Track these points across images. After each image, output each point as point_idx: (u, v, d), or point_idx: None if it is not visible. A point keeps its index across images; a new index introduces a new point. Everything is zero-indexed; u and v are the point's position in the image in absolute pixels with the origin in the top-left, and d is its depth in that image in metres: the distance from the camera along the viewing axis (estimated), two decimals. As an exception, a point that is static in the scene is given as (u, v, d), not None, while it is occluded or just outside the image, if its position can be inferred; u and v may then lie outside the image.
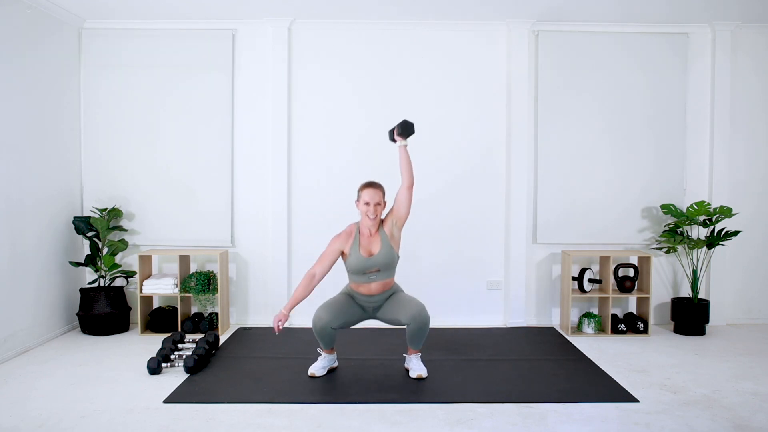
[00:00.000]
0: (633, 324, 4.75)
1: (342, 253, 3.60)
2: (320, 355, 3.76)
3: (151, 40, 4.94)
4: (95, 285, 4.80)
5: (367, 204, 3.52)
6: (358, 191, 3.61)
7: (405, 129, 3.55)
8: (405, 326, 3.61)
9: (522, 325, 4.96)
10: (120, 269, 4.79)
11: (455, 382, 3.58)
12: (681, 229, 4.83)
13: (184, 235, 4.98)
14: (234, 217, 5.01)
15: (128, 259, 5.02)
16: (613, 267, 4.77)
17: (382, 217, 3.63)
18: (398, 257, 3.64)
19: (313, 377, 3.64)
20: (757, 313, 5.10)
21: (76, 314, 4.71)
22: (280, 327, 3.47)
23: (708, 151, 5.03)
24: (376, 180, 3.66)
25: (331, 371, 3.76)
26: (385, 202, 3.59)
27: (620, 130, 5.00)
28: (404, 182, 3.53)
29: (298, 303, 3.56)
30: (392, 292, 3.71)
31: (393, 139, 3.63)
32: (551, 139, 5.00)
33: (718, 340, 4.57)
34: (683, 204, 4.98)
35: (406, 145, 3.55)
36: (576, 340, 4.54)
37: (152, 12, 4.72)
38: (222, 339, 4.54)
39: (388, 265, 3.58)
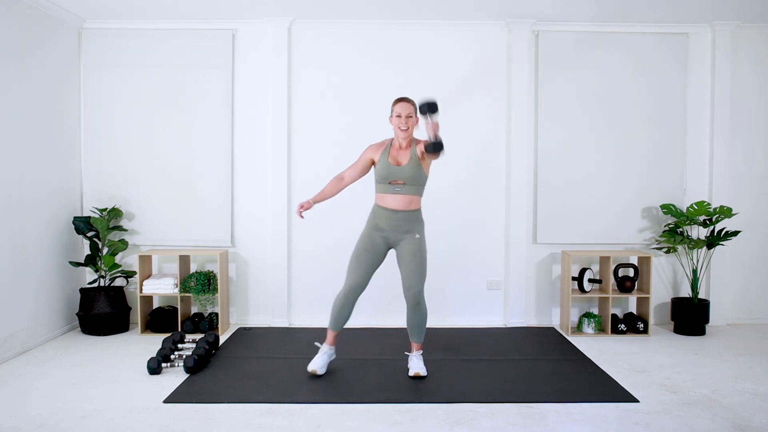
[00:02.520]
0: (633, 324, 4.75)
1: (372, 162, 3.70)
2: (319, 348, 3.75)
3: (151, 40, 4.94)
4: (95, 285, 4.81)
5: (399, 116, 3.60)
6: (392, 106, 3.68)
7: (431, 108, 3.43)
8: (404, 324, 3.62)
9: (522, 325, 4.96)
10: (120, 269, 4.79)
11: (455, 382, 3.58)
12: (681, 229, 4.84)
13: (184, 235, 4.98)
14: (234, 217, 5.01)
15: (128, 259, 5.02)
16: (613, 267, 4.77)
17: (419, 139, 3.64)
18: (426, 177, 3.65)
19: (314, 375, 3.63)
20: (757, 313, 5.10)
21: (76, 314, 4.71)
22: (302, 214, 3.65)
23: (708, 151, 5.03)
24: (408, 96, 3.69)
25: (329, 371, 3.76)
26: (417, 118, 3.63)
27: (620, 130, 5.00)
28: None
29: (324, 199, 3.73)
30: (415, 225, 3.63)
31: (423, 113, 3.48)
32: (551, 139, 5.00)
33: (718, 340, 4.57)
34: (683, 204, 4.98)
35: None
36: (576, 340, 4.54)
37: (152, 12, 4.72)
38: (222, 339, 4.54)
39: (414, 179, 3.59)
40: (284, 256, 4.94)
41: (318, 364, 3.69)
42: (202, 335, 4.51)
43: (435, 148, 3.41)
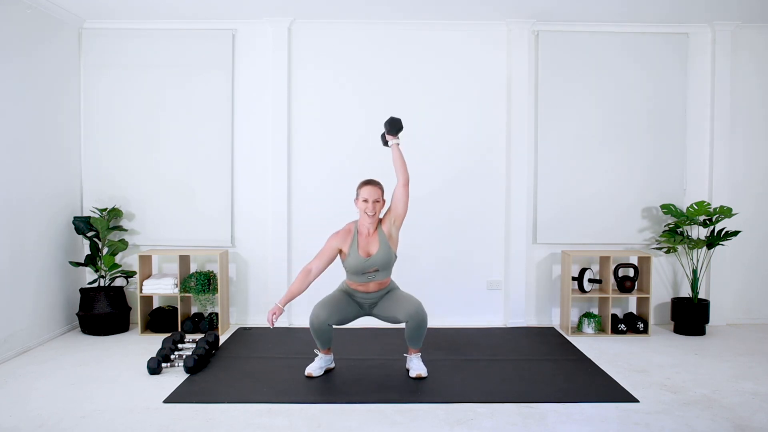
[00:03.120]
0: (633, 324, 4.75)
1: (340, 252, 3.59)
2: (317, 355, 3.75)
3: (151, 40, 4.94)
4: (95, 285, 4.81)
5: (366, 201, 3.51)
6: (357, 189, 3.60)
7: (393, 125, 3.54)
8: (403, 323, 3.62)
9: (522, 325, 4.96)
10: (120, 269, 4.79)
11: (455, 382, 3.58)
12: (681, 229, 4.83)
13: (184, 235, 4.98)
14: (234, 217, 5.01)
15: (128, 259, 5.02)
16: (613, 267, 4.77)
17: (381, 216, 3.62)
18: (396, 257, 3.64)
19: (310, 377, 3.64)
20: (757, 313, 5.10)
21: (76, 314, 4.71)
22: (274, 321, 3.47)
23: (708, 151, 5.03)
24: (375, 178, 3.65)
25: (328, 372, 3.76)
26: (384, 200, 3.58)
27: (620, 130, 5.00)
28: (399, 180, 3.53)
29: (293, 298, 3.56)
30: (389, 290, 3.71)
31: (386, 143, 3.63)
32: (551, 139, 5.00)
33: (718, 340, 4.57)
34: (683, 204, 4.98)
35: (398, 143, 3.55)
36: (576, 340, 4.54)
37: (152, 12, 4.72)
38: (222, 339, 4.54)
39: (386, 264, 3.57)
40: (284, 256, 4.94)
41: (314, 367, 3.69)
42: (202, 335, 4.51)
43: (393, 126, 3.49)
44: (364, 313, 3.72)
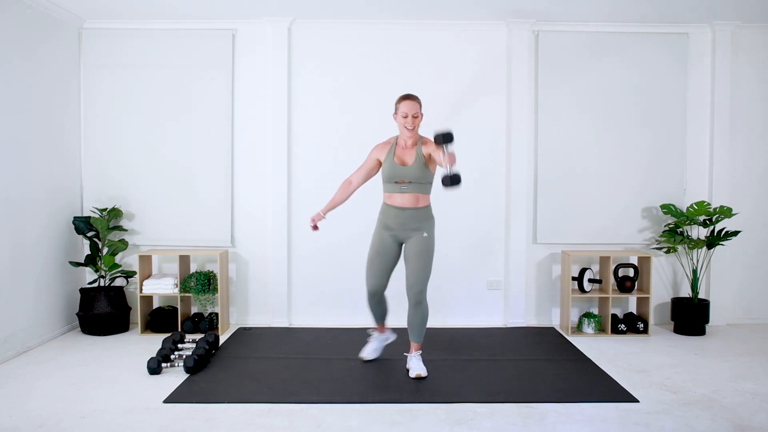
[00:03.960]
0: (633, 324, 4.75)
1: (378, 162, 3.71)
2: (371, 336, 3.81)
3: (151, 40, 4.94)
4: (95, 285, 4.81)
5: (405, 116, 3.59)
6: (396, 104, 3.67)
7: (446, 137, 3.36)
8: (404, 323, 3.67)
9: (522, 325, 4.96)
10: (120, 269, 4.79)
11: (455, 382, 3.58)
12: (681, 229, 4.84)
13: (184, 235, 4.98)
14: (234, 217, 5.01)
15: (128, 259, 5.02)
16: (613, 267, 4.77)
17: (425, 137, 3.63)
18: (433, 175, 3.66)
19: (364, 360, 3.71)
20: (757, 313, 5.10)
21: (76, 314, 4.71)
22: (317, 226, 3.74)
23: (708, 151, 5.03)
24: (413, 94, 3.69)
25: (327, 370, 3.75)
26: (422, 115, 3.65)
27: (620, 129, 5.00)
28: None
29: (334, 207, 3.77)
30: (424, 223, 3.63)
31: (440, 143, 3.45)
32: (551, 139, 5.00)
33: (718, 340, 4.57)
34: (683, 204, 4.98)
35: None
36: (576, 340, 4.54)
37: (152, 12, 4.72)
38: (222, 339, 4.54)
39: (420, 178, 3.59)
40: (284, 256, 4.94)
41: (368, 350, 3.80)
42: (202, 335, 4.51)
43: (453, 181, 3.30)
44: (400, 250, 3.70)
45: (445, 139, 3.34)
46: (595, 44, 4.97)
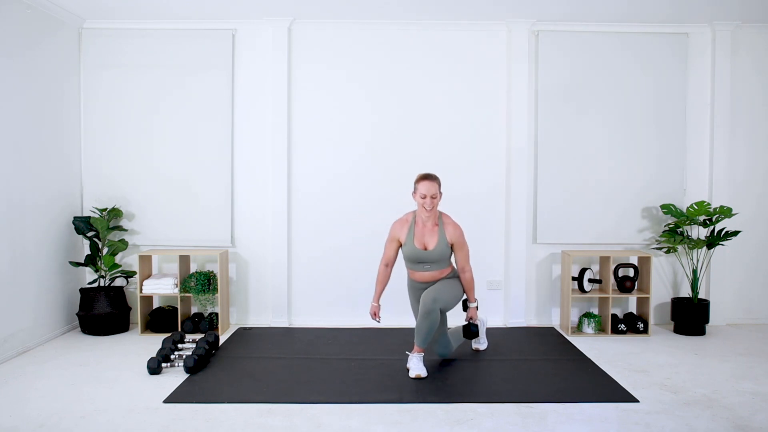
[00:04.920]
0: (633, 324, 4.75)
1: (399, 242, 3.78)
2: (409, 355, 3.80)
3: (151, 40, 4.94)
4: (95, 285, 4.80)
5: (424, 197, 3.66)
6: (415, 183, 3.75)
7: (472, 334, 3.86)
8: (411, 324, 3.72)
9: (522, 325, 4.96)
10: (120, 269, 4.79)
11: (455, 382, 3.58)
12: (681, 229, 4.83)
13: (184, 235, 4.98)
14: (234, 217, 5.01)
15: (128, 259, 5.02)
16: (613, 267, 4.76)
17: (448, 224, 3.76)
18: (451, 253, 3.77)
19: (418, 378, 3.61)
20: (757, 313, 5.10)
21: (76, 314, 4.71)
22: (379, 318, 3.83)
23: (708, 151, 5.03)
24: (432, 172, 3.81)
25: (327, 371, 3.75)
26: (441, 194, 3.74)
27: (620, 130, 5.00)
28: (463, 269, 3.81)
29: (382, 291, 3.85)
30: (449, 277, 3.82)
31: (465, 308, 3.92)
32: (551, 139, 5.00)
33: (718, 340, 4.57)
34: (683, 204, 4.98)
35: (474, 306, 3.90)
36: (576, 340, 4.54)
37: (152, 12, 4.72)
38: (222, 339, 4.54)
39: (441, 259, 3.70)
40: (284, 256, 4.94)
41: (418, 367, 3.67)
42: (202, 335, 4.51)
43: (471, 335, 3.81)
44: None
45: (471, 335, 3.85)
46: (595, 44, 4.97)
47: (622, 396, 3.36)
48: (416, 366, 3.67)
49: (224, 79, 4.95)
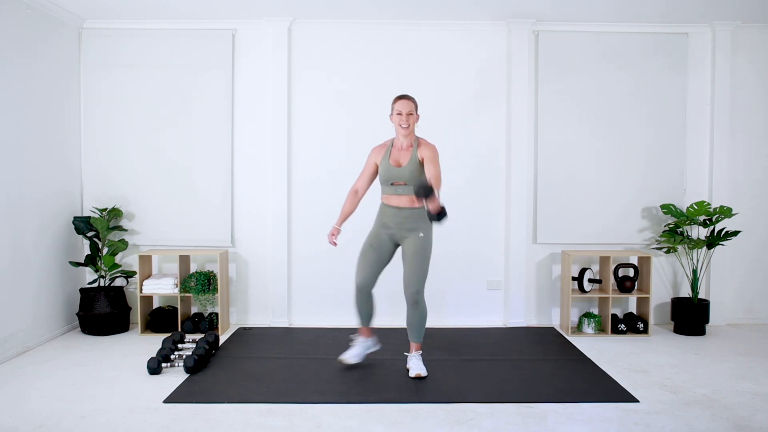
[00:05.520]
0: (633, 324, 4.75)
1: (376, 165, 3.74)
2: (353, 341, 3.78)
3: (152, 40, 4.94)
4: (95, 285, 4.80)
5: (400, 114, 3.63)
6: (392, 104, 3.72)
7: (425, 191, 3.39)
8: (404, 324, 3.66)
9: (522, 325, 4.96)
10: (120, 269, 4.79)
11: (455, 382, 3.58)
12: (681, 229, 4.83)
13: (184, 235, 4.98)
14: (234, 217, 5.01)
15: (128, 259, 5.02)
16: (613, 267, 4.77)
17: (424, 140, 3.66)
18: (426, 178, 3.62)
19: (344, 363, 3.65)
20: (757, 313, 5.10)
21: (76, 314, 4.71)
22: (335, 240, 3.73)
23: (708, 151, 5.03)
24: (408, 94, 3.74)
25: (323, 372, 3.75)
26: (417, 115, 3.70)
27: (620, 129, 5.00)
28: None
29: (347, 218, 3.78)
30: (420, 223, 3.62)
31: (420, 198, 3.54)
32: (551, 139, 5.00)
33: (718, 340, 4.57)
34: (683, 204, 4.98)
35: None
36: (576, 340, 4.54)
37: (152, 12, 4.72)
38: (222, 339, 4.54)
39: (415, 179, 3.59)
40: (284, 256, 4.94)
41: (349, 354, 3.74)
42: (202, 335, 4.51)
43: (438, 218, 3.38)
44: (394, 247, 3.72)
45: (424, 193, 3.36)
46: (595, 44, 4.97)
47: (622, 396, 3.36)
48: (416, 366, 3.67)
49: (224, 79, 4.95)
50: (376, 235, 3.73)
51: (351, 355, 3.74)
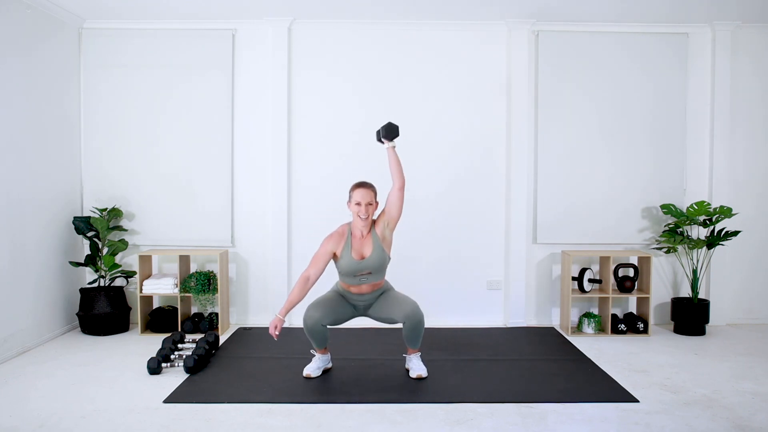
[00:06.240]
0: (633, 324, 4.75)
1: (334, 255, 3.57)
2: (314, 355, 3.75)
3: (151, 40, 4.94)
4: (95, 285, 4.80)
5: (359, 204, 3.50)
6: (350, 192, 3.59)
7: (389, 131, 3.50)
8: (400, 324, 3.62)
9: (522, 325, 4.96)
10: (120, 269, 4.79)
11: (455, 382, 3.58)
12: (681, 229, 4.83)
13: (184, 235, 4.98)
14: (234, 217, 5.01)
15: (128, 259, 5.02)
16: (613, 267, 4.77)
17: (374, 218, 3.61)
18: (389, 259, 3.61)
19: (308, 378, 3.63)
20: (757, 313, 5.10)
21: (76, 314, 4.71)
22: (277, 333, 3.45)
23: (708, 151, 5.03)
24: (368, 180, 3.63)
25: (326, 372, 3.76)
26: (377, 203, 3.57)
27: (620, 130, 5.00)
28: (395, 183, 3.50)
29: (293, 307, 3.51)
30: (383, 291, 3.69)
31: (380, 140, 3.59)
32: (551, 139, 5.00)
33: (718, 340, 4.57)
34: (683, 204, 4.98)
35: (393, 146, 3.51)
36: (576, 340, 4.54)
37: (152, 12, 4.72)
38: (222, 339, 4.54)
39: (380, 267, 3.55)
40: (284, 256, 4.94)
41: (312, 368, 3.68)
42: (202, 335, 4.51)
43: (390, 132, 3.45)
44: (359, 314, 3.72)
45: (389, 132, 3.47)
46: (595, 44, 4.97)
47: (622, 396, 3.36)
48: (417, 366, 3.66)
49: (224, 79, 4.95)
50: (339, 297, 3.65)
51: (314, 369, 3.66)
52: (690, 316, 4.70)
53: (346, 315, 3.66)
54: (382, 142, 3.58)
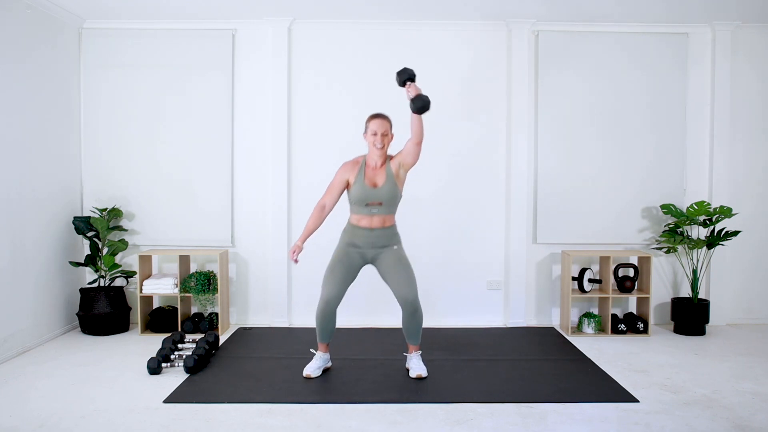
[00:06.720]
0: (633, 324, 4.75)
1: (347, 183, 3.60)
2: (314, 355, 3.75)
3: (152, 40, 4.94)
4: (95, 285, 4.80)
5: (375, 134, 3.51)
6: (366, 122, 3.59)
7: (422, 108, 3.40)
8: (400, 324, 3.63)
9: (522, 325, 4.96)
10: (120, 269, 4.79)
11: (455, 382, 3.58)
12: (681, 229, 4.83)
13: (184, 235, 4.98)
14: (234, 217, 5.01)
15: (128, 259, 5.02)
16: (613, 267, 4.77)
17: (391, 154, 3.60)
18: (401, 195, 3.62)
19: (308, 378, 3.63)
20: (757, 313, 5.10)
21: (76, 314, 4.71)
22: (296, 258, 3.55)
23: (708, 151, 5.03)
24: (383, 112, 3.63)
25: (326, 372, 3.75)
26: (392, 134, 3.58)
27: (620, 130, 5.00)
28: (413, 138, 3.47)
29: (310, 234, 3.61)
30: (392, 239, 3.63)
31: (402, 84, 3.50)
32: (551, 139, 5.00)
33: (718, 340, 4.57)
34: (683, 204, 4.98)
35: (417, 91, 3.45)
36: (576, 340, 4.54)
37: (152, 12, 4.72)
38: (222, 339, 4.54)
39: (391, 199, 3.55)
40: (284, 256, 4.94)
41: (312, 368, 3.68)
42: (202, 335, 4.51)
43: (419, 106, 3.34)
44: (365, 262, 3.66)
45: (402, 78, 3.42)
46: (595, 44, 4.97)
47: (622, 396, 3.36)
48: (417, 366, 3.67)
49: (224, 79, 4.95)
50: (345, 252, 3.63)
51: (313, 369, 3.67)
52: (690, 316, 4.70)
53: (354, 270, 3.63)
54: (403, 85, 3.49)
